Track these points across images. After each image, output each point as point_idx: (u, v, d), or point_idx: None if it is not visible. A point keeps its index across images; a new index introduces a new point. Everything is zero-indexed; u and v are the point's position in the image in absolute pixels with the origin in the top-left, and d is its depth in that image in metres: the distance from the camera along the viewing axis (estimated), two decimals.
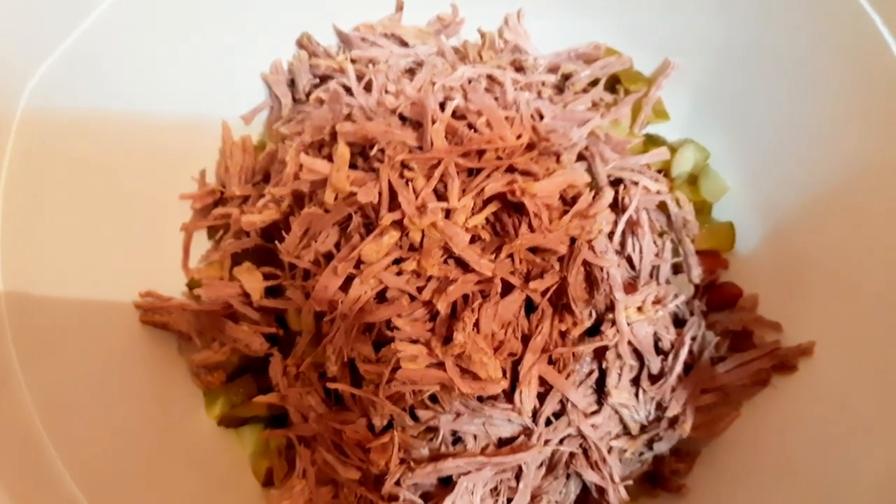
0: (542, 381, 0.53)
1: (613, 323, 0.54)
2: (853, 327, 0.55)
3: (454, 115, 0.55)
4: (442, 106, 0.56)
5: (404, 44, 0.69)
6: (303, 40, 0.69)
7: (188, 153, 0.66)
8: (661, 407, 0.56)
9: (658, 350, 0.57)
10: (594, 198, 0.55)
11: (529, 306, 0.54)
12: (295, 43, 0.70)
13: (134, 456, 0.54)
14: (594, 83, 0.68)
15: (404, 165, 0.53)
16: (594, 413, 0.54)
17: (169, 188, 0.65)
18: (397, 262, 0.52)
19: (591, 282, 0.54)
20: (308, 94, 0.67)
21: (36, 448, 0.47)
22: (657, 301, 0.56)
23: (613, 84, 0.69)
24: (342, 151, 0.54)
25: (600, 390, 0.55)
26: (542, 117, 0.59)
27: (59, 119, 0.54)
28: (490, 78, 0.61)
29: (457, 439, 0.54)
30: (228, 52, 0.66)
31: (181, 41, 0.62)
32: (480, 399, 0.52)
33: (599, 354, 0.55)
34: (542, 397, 0.53)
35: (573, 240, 0.53)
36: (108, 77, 0.57)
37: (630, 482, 0.56)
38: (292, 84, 0.69)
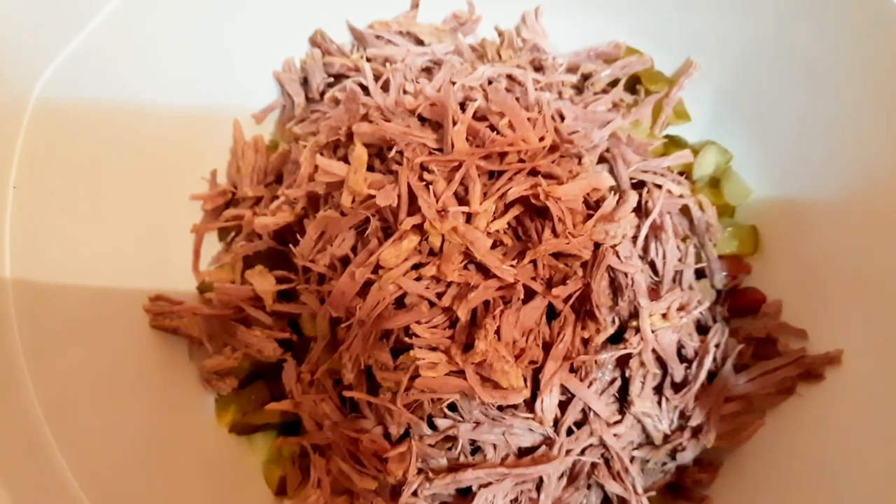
0: (564, 389, 0.52)
1: (637, 330, 0.53)
2: (881, 334, 0.53)
3: (475, 115, 0.53)
4: (462, 106, 0.54)
5: (420, 42, 0.67)
6: (316, 38, 0.68)
7: (198, 153, 0.65)
8: (684, 416, 0.55)
9: (681, 358, 0.55)
10: (618, 202, 0.53)
11: (551, 313, 0.52)
12: (308, 40, 0.69)
13: (142, 462, 0.53)
14: (614, 83, 0.66)
15: (424, 168, 0.51)
16: (617, 422, 0.53)
17: (179, 189, 0.64)
18: (416, 267, 0.51)
19: (615, 288, 0.53)
20: (322, 94, 0.66)
21: (41, 450, 0.46)
22: (681, 307, 0.54)
23: (633, 84, 0.67)
24: (359, 153, 0.52)
25: (623, 399, 0.54)
26: (563, 118, 0.57)
27: (70, 116, 0.53)
28: (510, 78, 0.59)
29: (476, 449, 0.52)
30: (240, 50, 0.64)
31: (192, 39, 0.61)
32: (500, 408, 0.51)
33: (622, 362, 0.54)
34: (563, 406, 0.52)
35: (597, 245, 0.52)
36: (119, 74, 0.56)
37: (652, 493, 0.55)
38: (305, 83, 0.67)
